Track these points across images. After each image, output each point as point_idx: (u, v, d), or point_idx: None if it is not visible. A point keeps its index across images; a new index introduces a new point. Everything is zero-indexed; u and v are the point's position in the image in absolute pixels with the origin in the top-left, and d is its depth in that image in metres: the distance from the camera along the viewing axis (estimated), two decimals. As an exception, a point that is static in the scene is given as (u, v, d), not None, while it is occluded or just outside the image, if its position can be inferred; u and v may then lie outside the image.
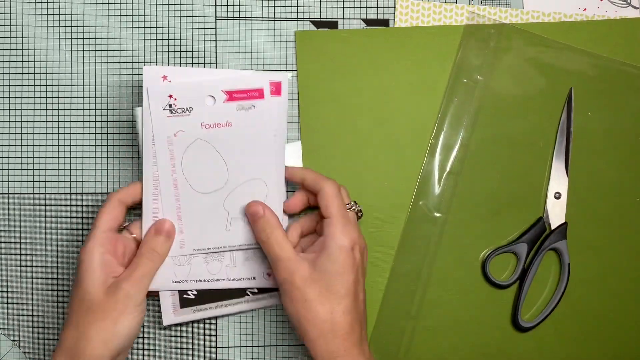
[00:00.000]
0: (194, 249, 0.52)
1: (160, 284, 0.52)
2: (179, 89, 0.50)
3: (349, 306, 0.47)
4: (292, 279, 0.47)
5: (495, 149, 0.57)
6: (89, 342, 0.46)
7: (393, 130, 0.57)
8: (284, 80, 0.52)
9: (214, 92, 0.49)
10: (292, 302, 0.47)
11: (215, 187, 0.52)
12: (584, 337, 0.57)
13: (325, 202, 0.49)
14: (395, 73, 0.57)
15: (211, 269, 0.53)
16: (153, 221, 0.51)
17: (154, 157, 0.51)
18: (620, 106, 0.58)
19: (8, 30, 0.56)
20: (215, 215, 0.52)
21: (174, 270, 0.52)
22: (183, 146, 0.51)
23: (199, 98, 0.50)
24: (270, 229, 0.50)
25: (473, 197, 0.57)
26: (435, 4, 0.58)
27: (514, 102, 0.57)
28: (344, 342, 0.47)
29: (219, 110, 0.50)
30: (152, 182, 0.51)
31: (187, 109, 0.50)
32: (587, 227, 0.57)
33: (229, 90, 0.49)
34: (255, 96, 0.49)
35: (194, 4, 0.57)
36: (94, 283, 0.47)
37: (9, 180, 0.55)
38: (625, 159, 0.58)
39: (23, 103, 0.55)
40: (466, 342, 0.56)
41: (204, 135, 0.51)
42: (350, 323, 0.47)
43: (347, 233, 0.48)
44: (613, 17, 0.59)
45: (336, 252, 0.48)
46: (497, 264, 0.57)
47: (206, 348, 0.55)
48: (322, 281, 0.47)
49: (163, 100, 0.50)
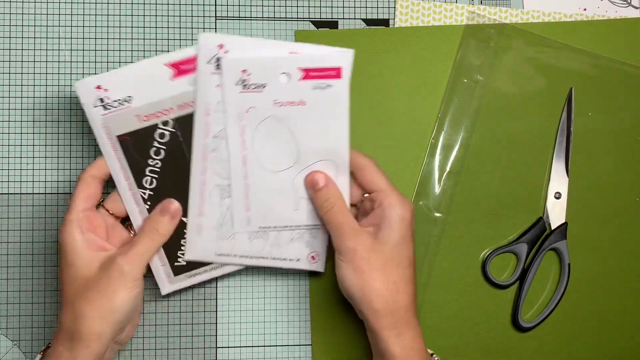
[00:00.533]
0: (261, 226, 0.52)
1: (203, 255, 0.52)
2: (253, 63, 0.47)
3: (411, 276, 0.48)
4: (356, 249, 0.47)
5: (495, 149, 0.57)
6: (86, 319, 0.45)
7: (393, 130, 0.57)
8: (349, 59, 0.49)
9: (289, 69, 0.47)
10: (355, 272, 0.47)
11: (284, 165, 0.50)
12: (584, 337, 0.57)
13: (371, 176, 0.49)
14: (395, 73, 0.57)
15: (255, 246, 0.52)
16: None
17: (205, 130, 0.49)
18: (620, 106, 0.58)
19: (8, 30, 0.56)
20: (284, 195, 0.51)
21: (217, 243, 0.52)
22: (254, 123, 0.49)
23: (274, 75, 0.47)
24: (335, 198, 0.49)
25: (473, 197, 0.57)
26: (435, 4, 0.58)
27: (514, 102, 0.57)
28: (406, 313, 0.47)
29: (293, 88, 0.47)
30: (201, 158, 0.50)
31: (261, 85, 0.48)
32: (587, 227, 0.57)
33: (306, 68, 0.46)
34: (333, 75, 0.46)
35: (194, 4, 0.57)
36: (83, 262, 0.47)
37: (8, 180, 0.55)
38: (625, 159, 0.58)
39: (23, 103, 0.55)
40: (466, 342, 0.56)
41: (276, 113, 0.49)
42: (412, 294, 0.48)
43: (407, 203, 0.49)
44: (613, 17, 0.59)
45: (398, 222, 0.48)
46: (497, 264, 0.57)
47: (206, 348, 0.55)
48: (386, 252, 0.47)
49: (236, 74, 0.47)
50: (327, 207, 0.49)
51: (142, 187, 0.50)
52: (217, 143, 0.50)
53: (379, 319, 0.46)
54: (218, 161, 0.50)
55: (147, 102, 0.49)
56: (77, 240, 0.47)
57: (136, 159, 0.50)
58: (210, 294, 0.56)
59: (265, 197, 0.51)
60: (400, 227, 0.48)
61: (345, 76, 0.47)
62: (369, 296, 0.46)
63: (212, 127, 0.49)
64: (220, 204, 0.51)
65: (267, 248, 0.52)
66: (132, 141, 0.49)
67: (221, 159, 0.50)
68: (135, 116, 0.49)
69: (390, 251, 0.47)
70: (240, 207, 0.51)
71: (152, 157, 0.50)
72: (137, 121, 0.49)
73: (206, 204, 0.51)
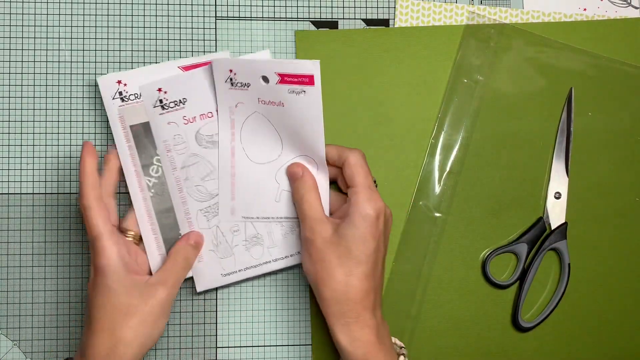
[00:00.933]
0: (243, 216, 0.54)
1: (211, 281, 0.54)
2: (237, 64, 0.51)
3: (366, 272, 0.48)
4: (313, 239, 0.49)
5: (495, 149, 0.57)
6: (129, 347, 0.46)
7: (393, 130, 0.57)
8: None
9: (267, 72, 0.50)
10: (311, 261, 0.49)
11: (269, 158, 0.53)
12: (584, 337, 0.57)
13: (351, 171, 0.50)
14: (395, 73, 0.57)
15: (254, 254, 0.54)
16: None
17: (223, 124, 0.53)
18: (620, 106, 0.58)
19: (8, 30, 0.56)
20: (267, 186, 0.53)
21: (221, 264, 0.54)
22: (243, 116, 0.52)
23: (255, 76, 0.50)
24: (305, 190, 0.51)
25: (473, 197, 0.57)
26: (435, 4, 0.58)
27: (514, 102, 0.57)
28: (355, 306, 0.47)
29: (272, 90, 0.50)
30: (177, 191, 0.53)
31: (245, 84, 0.51)
32: (587, 227, 0.57)
33: (281, 73, 0.50)
34: (306, 82, 0.49)
35: (194, 4, 0.57)
36: (124, 288, 0.47)
37: (9, 180, 0.55)
38: (625, 159, 0.58)
39: (23, 103, 0.55)
40: (466, 342, 0.56)
41: (260, 109, 0.52)
42: (365, 289, 0.48)
43: (373, 201, 0.49)
44: (613, 17, 0.59)
45: (359, 219, 0.48)
46: (497, 264, 0.57)
47: (206, 348, 0.55)
48: (342, 245, 0.48)
49: (225, 73, 0.51)
50: (297, 198, 0.51)
51: (148, 175, 0.53)
52: (187, 172, 0.53)
53: (327, 307, 0.48)
54: (193, 188, 0.53)
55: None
56: (118, 265, 0.48)
57: (146, 147, 0.53)
58: (210, 294, 0.56)
59: (250, 188, 0.53)
60: (361, 223, 0.48)
61: (317, 83, 0.49)
62: (320, 285, 0.48)
63: (177, 160, 0.53)
64: (209, 226, 0.54)
65: (265, 252, 0.54)
66: (144, 131, 0.53)
67: (195, 185, 0.53)
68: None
69: (347, 245, 0.48)
70: (226, 196, 0.54)
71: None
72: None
73: (196, 230, 0.54)
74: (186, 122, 0.53)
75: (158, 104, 0.53)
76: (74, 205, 0.55)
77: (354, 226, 0.48)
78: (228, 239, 0.54)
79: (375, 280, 0.49)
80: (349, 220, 0.49)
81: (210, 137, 0.53)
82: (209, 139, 0.53)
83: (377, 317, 0.48)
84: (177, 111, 0.53)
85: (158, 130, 0.53)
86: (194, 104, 0.53)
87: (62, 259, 0.55)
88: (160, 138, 0.53)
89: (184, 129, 0.53)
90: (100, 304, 0.47)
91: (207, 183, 0.53)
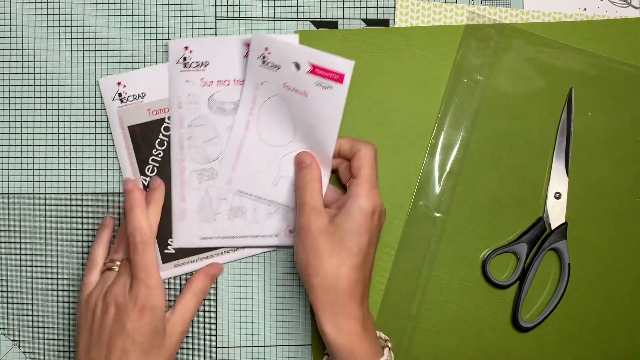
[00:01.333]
0: (238, 189, 0.55)
1: (188, 240, 0.55)
2: (275, 45, 0.52)
3: (357, 264, 0.48)
4: (308, 226, 0.49)
5: (495, 149, 0.57)
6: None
7: (393, 130, 0.57)
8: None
9: (301, 60, 0.51)
10: (304, 249, 0.49)
11: (278, 142, 0.54)
12: (584, 337, 0.57)
13: (360, 163, 0.51)
14: (395, 73, 0.57)
15: (235, 225, 0.55)
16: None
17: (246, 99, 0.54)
18: (620, 106, 0.58)
19: (8, 30, 0.56)
20: (268, 168, 0.54)
21: (200, 227, 0.55)
22: (265, 95, 0.54)
23: (288, 60, 0.52)
24: (310, 178, 0.51)
25: (473, 197, 0.57)
26: (435, 4, 0.58)
27: (514, 102, 0.57)
28: (344, 296, 0.48)
29: (300, 77, 0.52)
30: (178, 147, 0.55)
31: (276, 66, 0.52)
32: (587, 227, 0.57)
33: (315, 64, 0.51)
34: (336, 79, 0.51)
35: (194, 4, 0.57)
36: (161, 328, 0.49)
37: (9, 180, 0.55)
38: (625, 159, 0.58)
39: (23, 103, 0.55)
40: (466, 342, 0.56)
41: (283, 93, 0.53)
42: (354, 280, 0.48)
43: (372, 197, 0.50)
44: (613, 17, 0.59)
45: (356, 212, 0.49)
46: (497, 264, 0.57)
47: (206, 348, 0.55)
48: (336, 235, 0.49)
49: (260, 49, 0.52)
50: (300, 184, 0.52)
51: (144, 174, 0.55)
52: (191, 131, 0.55)
53: (315, 296, 0.48)
54: (194, 148, 0.55)
55: (157, 99, 0.55)
56: (165, 306, 0.49)
57: (142, 148, 0.55)
58: (210, 294, 0.56)
59: (253, 164, 0.55)
60: (357, 216, 0.49)
61: (346, 83, 0.51)
62: (310, 272, 0.49)
63: (185, 117, 0.55)
64: (199, 188, 0.55)
65: (246, 226, 0.55)
66: (140, 132, 0.55)
67: (196, 146, 0.55)
68: (147, 110, 0.55)
69: (341, 235, 0.48)
70: (228, 164, 0.55)
71: (156, 147, 0.55)
72: (147, 114, 0.55)
73: (187, 189, 0.55)
74: (203, 85, 0.55)
75: (182, 61, 0.54)
76: (74, 205, 0.55)
77: (350, 218, 0.49)
78: (214, 204, 0.55)
79: (365, 273, 0.49)
80: (346, 212, 0.49)
81: (222, 104, 0.55)
82: (220, 105, 0.55)
83: (363, 309, 0.49)
84: (198, 72, 0.54)
85: (175, 85, 0.54)
86: (215, 69, 0.54)
87: (62, 259, 0.55)
88: (175, 94, 0.54)
89: (199, 90, 0.54)
90: (134, 339, 0.47)
91: (208, 147, 0.55)
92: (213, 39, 0.55)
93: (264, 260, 0.56)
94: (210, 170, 0.55)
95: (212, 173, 0.55)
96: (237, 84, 0.55)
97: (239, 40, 0.54)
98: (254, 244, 0.55)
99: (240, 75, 0.54)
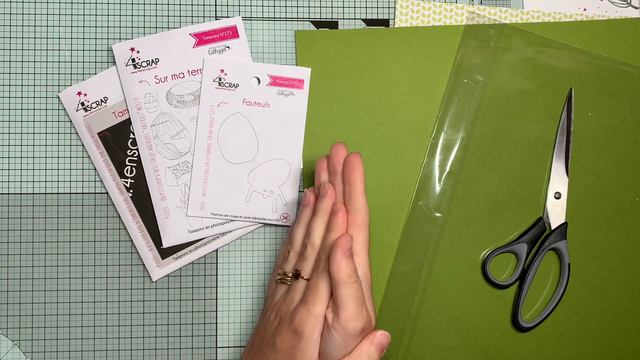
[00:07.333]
0: (212, 212, 0.55)
1: (178, 237, 0.55)
2: (231, 65, 0.55)
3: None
4: (356, 328, 0.46)
5: (495, 149, 0.57)
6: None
7: (393, 130, 0.57)
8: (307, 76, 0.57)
9: (260, 74, 0.54)
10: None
11: (243, 159, 0.56)
12: (584, 337, 0.57)
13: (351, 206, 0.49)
14: (395, 73, 0.57)
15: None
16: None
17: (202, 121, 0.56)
18: (620, 106, 0.58)
19: (8, 30, 0.56)
20: (238, 186, 0.55)
21: (187, 220, 0.55)
22: (223, 116, 0.55)
23: (247, 77, 0.55)
24: (363, 273, 0.48)
25: (473, 197, 0.57)
26: (435, 4, 0.58)
27: (514, 102, 0.57)
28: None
29: (261, 91, 0.55)
30: (146, 148, 0.55)
31: (234, 85, 0.55)
32: (587, 227, 0.57)
33: (274, 76, 0.54)
34: (296, 85, 0.54)
35: (194, 4, 0.57)
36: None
37: (9, 180, 0.55)
38: (625, 159, 0.58)
39: (23, 103, 0.55)
40: (466, 342, 0.56)
41: (243, 110, 0.55)
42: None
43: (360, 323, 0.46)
44: (613, 17, 0.59)
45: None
46: (497, 264, 0.57)
47: (206, 348, 0.55)
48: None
49: (215, 72, 0.55)
50: (353, 277, 0.46)
51: (124, 177, 0.55)
52: (156, 130, 0.55)
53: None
54: (162, 145, 0.55)
55: (120, 100, 0.55)
56: (315, 340, 0.46)
57: (116, 151, 0.55)
58: (210, 294, 0.56)
59: (221, 186, 0.55)
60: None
61: (305, 88, 0.55)
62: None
63: (147, 117, 0.55)
64: (177, 183, 0.55)
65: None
66: (111, 136, 0.55)
67: (164, 143, 0.55)
68: (112, 113, 0.55)
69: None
70: (197, 191, 0.55)
71: (130, 147, 0.55)
72: (113, 117, 0.55)
73: (164, 187, 0.55)
74: (157, 82, 0.55)
75: (130, 62, 0.55)
76: (74, 205, 0.55)
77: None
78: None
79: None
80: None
81: (181, 97, 0.55)
82: (179, 98, 0.55)
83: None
84: (150, 70, 0.55)
85: (129, 88, 0.55)
86: (167, 64, 0.55)
87: (62, 259, 0.55)
88: (131, 96, 0.55)
89: (155, 87, 0.55)
90: (276, 357, 0.46)
91: (176, 141, 0.55)
92: (158, 35, 0.55)
93: (264, 260, 0.56)
94: (185, 163, 0.55)
95: (187, 166, 0.55)
96: (192, 74, 0.55)
97: (184, 32, 0.55)
98: (241, 226, 0.56)
99: (194, 66, 0.55)
